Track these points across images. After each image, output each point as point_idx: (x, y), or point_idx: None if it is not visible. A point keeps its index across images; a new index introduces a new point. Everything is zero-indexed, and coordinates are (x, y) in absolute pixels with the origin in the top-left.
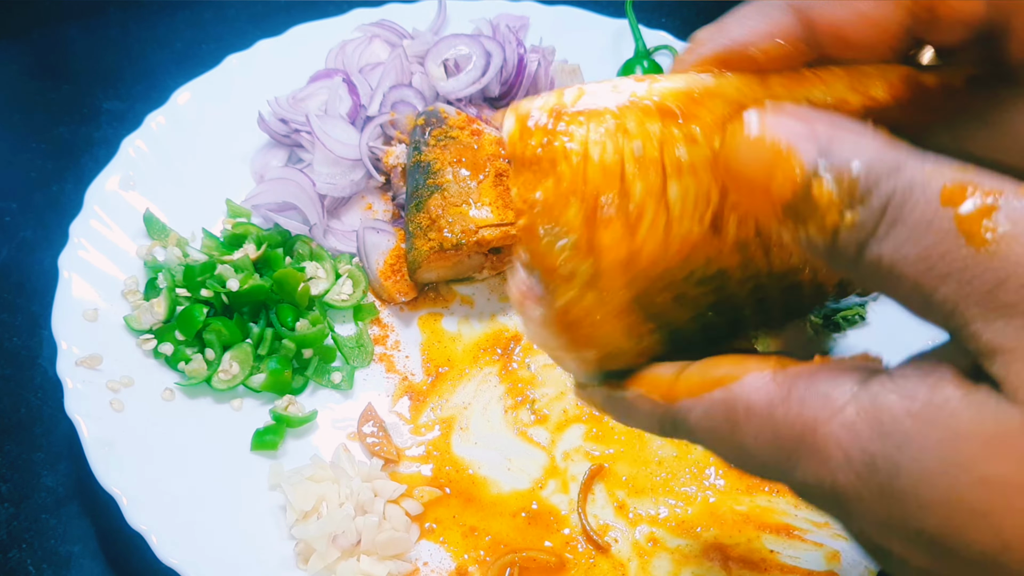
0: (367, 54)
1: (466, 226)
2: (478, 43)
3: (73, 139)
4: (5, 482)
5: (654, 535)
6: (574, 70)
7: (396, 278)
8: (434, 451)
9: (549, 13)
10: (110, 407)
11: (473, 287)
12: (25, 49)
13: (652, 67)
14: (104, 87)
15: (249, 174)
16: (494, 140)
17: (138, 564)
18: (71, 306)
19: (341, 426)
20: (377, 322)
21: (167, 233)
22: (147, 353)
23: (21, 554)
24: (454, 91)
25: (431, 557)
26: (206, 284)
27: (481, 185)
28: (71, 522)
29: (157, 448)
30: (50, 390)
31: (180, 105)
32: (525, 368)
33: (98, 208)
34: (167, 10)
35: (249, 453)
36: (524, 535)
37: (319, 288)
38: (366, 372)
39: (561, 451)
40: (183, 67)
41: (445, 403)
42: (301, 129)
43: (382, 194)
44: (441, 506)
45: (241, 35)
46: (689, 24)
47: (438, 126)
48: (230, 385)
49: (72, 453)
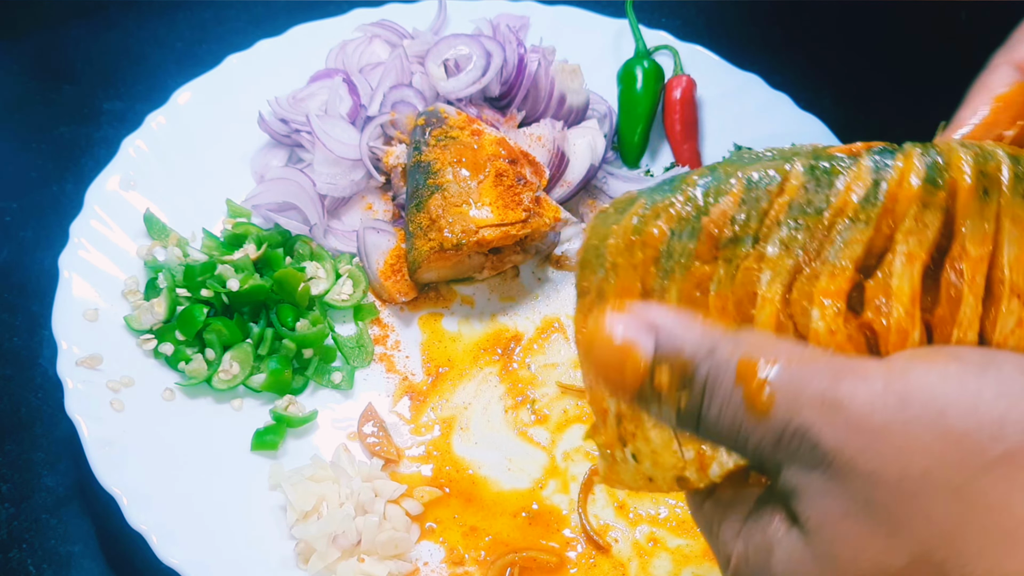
0: (367, 54)
1: (466, 226)
2: (478, 43)
3: (73, 139)
4: (5, 482)
5: (654, 535)
6: (574, 70)
7: (396, 278)
8: (434, 451)
9: (549, 13)
10: (110, 407)
11: (473, 287)
12: (25, 49)
13: (652, 67)
14: (104, 87)
15: (249, 174)
16: (494, 140)
17: (138, 564)
18: (71, 306)
19: (341, 426)
20: (377, 322)
21: (167, 233)
22: (147, 353)
23: (21, 554)
24: (454, 91)
25: (431, 557)
26: (206, 284)
27: (481, 185)
28: (71, 522)
29: (157, 448)
30: (50, 390)
31: (180, 105)
32: (525, 368)
33: (98, 208)
34: (167, 10)
35: (249, 453)
36: (524, 535)
37: (319, 288)
38: (366, 372)
39: (561, 451)
40: (183, 67)
41: (445, 403)
42: (301, 129)
43: (382, 194)
44: (441, 506)
45: (241, 35)
46: (689, 24)
47: (438, 126)
48: (230, 385)
49: (72, 453)
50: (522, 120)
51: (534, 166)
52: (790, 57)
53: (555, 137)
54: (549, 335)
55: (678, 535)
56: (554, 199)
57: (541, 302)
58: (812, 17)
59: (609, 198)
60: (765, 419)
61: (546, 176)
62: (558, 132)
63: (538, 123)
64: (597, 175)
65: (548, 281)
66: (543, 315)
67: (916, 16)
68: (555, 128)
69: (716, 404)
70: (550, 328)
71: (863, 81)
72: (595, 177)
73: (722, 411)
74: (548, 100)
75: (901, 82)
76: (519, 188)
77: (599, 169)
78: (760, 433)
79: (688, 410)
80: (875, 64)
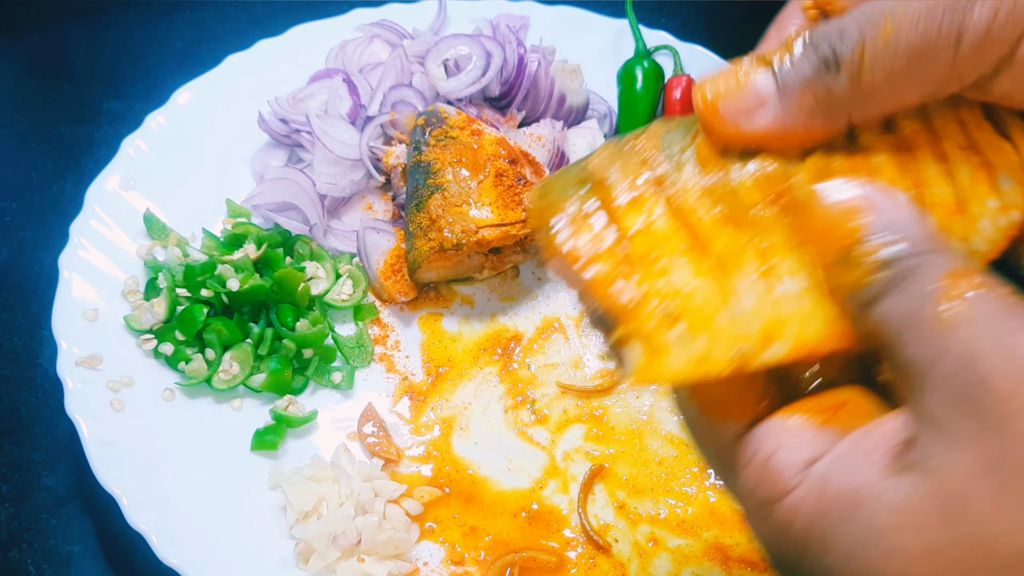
0: (367, 54)
1: (466, 226)
2: (478, 43)
3: (73, 139)
4: (5, 482)
5: (654, 535)
6: (574, 70)
7: (396, 278)
8: (434, 451)
9: (549, 13)
10: (110, 407)
11: (473, 287)
12: (25, 49)
13: (652, 67)
14: (104, 87)
15: (249, 174)
16: (494, 140)
17: (138, 564)
18: (71, 306)
19: (341, 426)
20: (377, 322)
21: (167, 233)
22: (147, 353)
23: (21, 554)
24: (454, 91)
25: (431, 557)
26: (206, 284)
27: (481, 185)
28: (71, 522)
29: (157, 448)
30: (50, 390)
31: (180, 105)
32: (525, 368)
33: (98, 208)
34: (167, 10)
35: (249, 453)
36: (524, 535)
37: (319, 288)
38: (366, 372)
39: (561, 451)
40: (183, 67)
41: (445, 403)
42: (301, 129)
43: (382, 194)
44: (441, 506)
45: (241, 35)
46: (689, 24)
47: (438, 126)
48: (230, 385)
49: (72, 453)
50: (522, 120)
51: (534, 166)
52: None
53: (555, 137)
54: (549, 335)
55: (678, 535)
56: None
57: (541, 302)
58: None
59: None
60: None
61: (546, 176)
62: (558, 132)
63: (538, 123)
64: None
65: (548, 281)
66: (543, 315)
67: None
68: (555, 128)
69: (905, 297)
70: (550, 328)
71: None
72: None
73: (905, 305)
74: (548, 100)
75: None
76: (519, 188)
77: None
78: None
79: (872, 289)
80: None
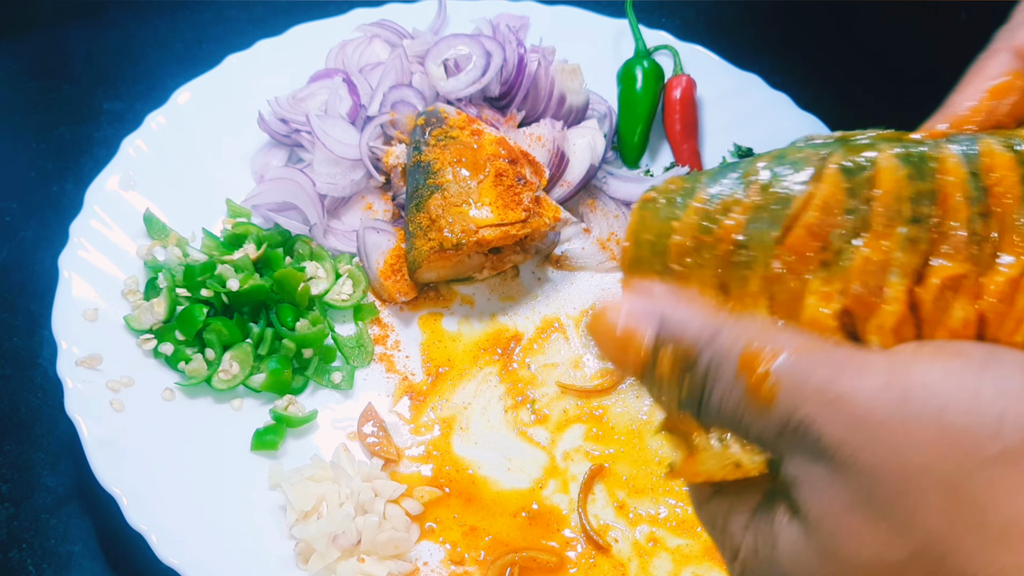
0: (367, 54)
1: (466, 226)
2: (478, 43)
3: (73, 139)
4: (5, 482)
5: (654, 535)
6: (574, 70)
7: (396, 278)
8: (434, 451)
9: (549, 13)
10: (110, 407)
11: (473, 287)
12: (25, 49)
13: (652, 67)
14: (104, 87)
15: (249, 174)
16: (494, 140)
17: (138, 564)
18: (71, 306)
19: (341, 426)
20: (377, 322)
21: (167, 233)
22: (147, 353)
23: (21, 554)
24: (454, 91)
25: (431, 557)
26: (206, 284)
27: (481, 185)
28: (71, 522)
29: (157, 448)
30: (50, 390)
31: (180, 105)
32: (525, 368)
33: (98, 208)
34: (167, 10)
35: (249, 453)
36: (524, 535)
37: (319, 288)
38: (366, 372)
39: (561, 451)
40: (183, 67)
41: (445, 403)
42: (301, 129)
43: (382, 194)
44: (441, 506)
45: (241, 35)
46: (689, 24)
47: (438, 126)
48: (230, 385)
49: (72, 453)
50: (522, 120)
51: (534, 166)
52: (790, 57)
53: (555, 137)
54: (549, 335)
55: (678, 535)
56: (554, 199)
57: (541, 302)
58: (812, 17)
59: (609, 198)
60: (767, 410)
61: (546, 176)
62: (558, 132)
63: (538, 123)
64: (597, 175)
65: (548, 281)
66: (543, 315)
67: (916, 16)
68: (555, 128)
69: (718, 392)
70: (550, 328)
71: (863, 81)
72: (595, 177)
73: (724, 399)
74: (548, 100)
75: (901, 82)
76: (519, 188)
77: (599, 169)
78: (763, 423)
79: (690, 396)
80: (875, 64)
